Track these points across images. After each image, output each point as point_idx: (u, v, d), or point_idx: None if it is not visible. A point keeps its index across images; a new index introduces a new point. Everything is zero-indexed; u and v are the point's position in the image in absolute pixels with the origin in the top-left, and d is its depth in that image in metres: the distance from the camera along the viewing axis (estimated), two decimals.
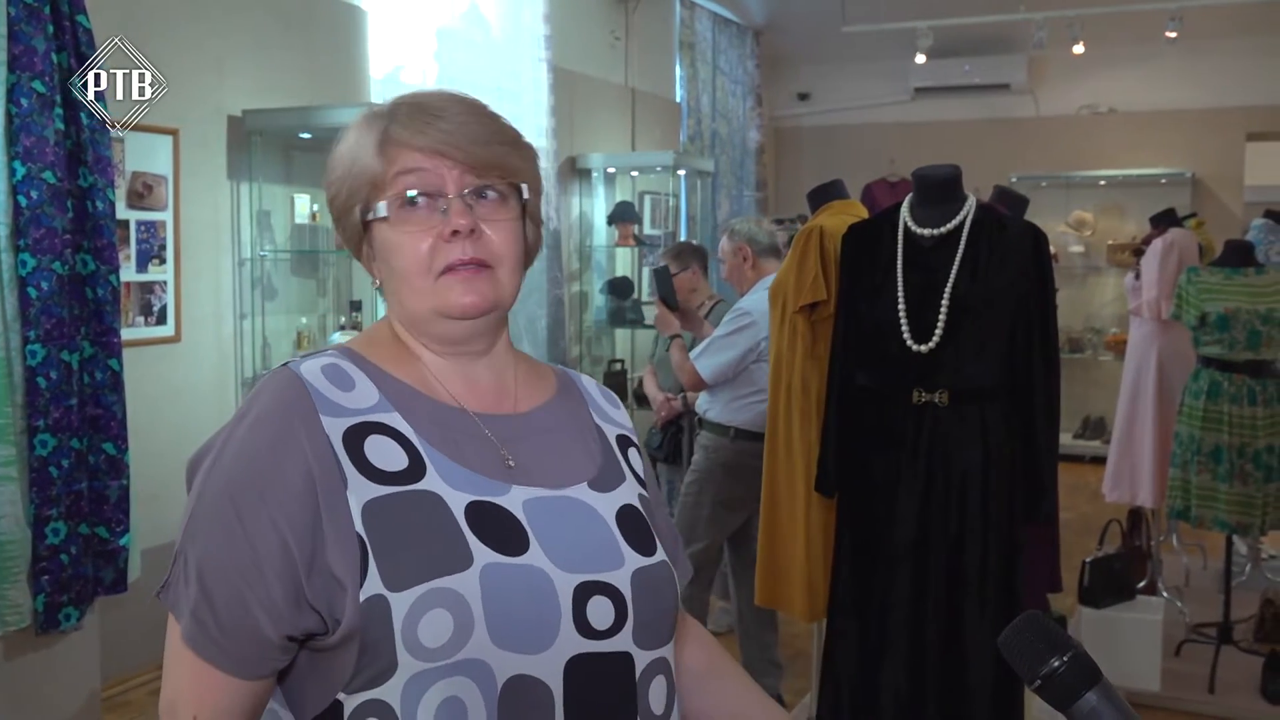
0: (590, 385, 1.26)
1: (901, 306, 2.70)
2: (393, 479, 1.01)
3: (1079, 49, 7.63)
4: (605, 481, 1.14)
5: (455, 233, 1.06)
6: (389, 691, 0.97)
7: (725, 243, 3.96)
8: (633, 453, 1.21)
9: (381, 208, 1.08)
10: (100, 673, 3.30)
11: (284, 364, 1.08)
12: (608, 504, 1.11)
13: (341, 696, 0.99)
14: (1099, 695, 0.89)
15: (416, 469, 1.02)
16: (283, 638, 0.98)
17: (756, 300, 3.69)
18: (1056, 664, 0.90)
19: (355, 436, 1.02)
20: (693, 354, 3.74)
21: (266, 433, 1.00)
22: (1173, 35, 7.27)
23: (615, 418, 1.23)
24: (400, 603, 0.95)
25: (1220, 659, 3.95)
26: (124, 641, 3.78)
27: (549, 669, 0.99)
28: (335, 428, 1.02)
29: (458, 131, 1.07)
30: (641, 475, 1.20)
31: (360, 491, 0.99)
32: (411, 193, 1.07)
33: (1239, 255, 4.29)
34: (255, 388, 1.07)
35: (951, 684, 2.70)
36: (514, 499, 1.05)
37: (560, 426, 1.16)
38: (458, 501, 1.02)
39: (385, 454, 1.02)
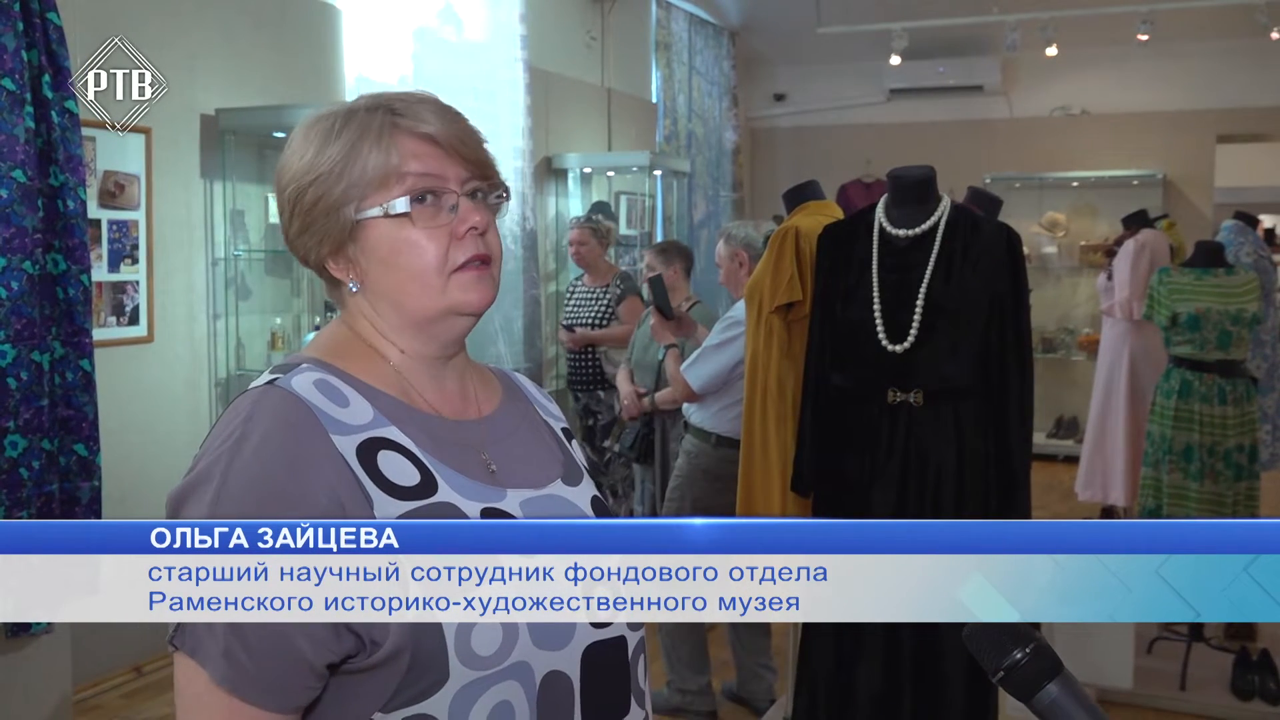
0: (526, 382, 1.28)
1: (877, 307, 2.72)
2: (411, 494, 1.01)
3: (1052, 51, 7.69)
4: (571, 476, 1.17)
5: (471, 229, 1.07)
6: (436, 704, 0.97)
7: (721, 247, 3.81)
8: (574, 444, 1.25)
9: (400, 204, 1.06)
10: (72, 676, 3.28)
11: (268, 382, 1.04)
12: (581, 497, 1.15)
13: (378, 717, 0.98)
14: (1060, 687, 0.90)
15: (429, 482, 1.03)
16: (323, 665, 0.96)
17: None
18: (1019, 656, 0.91)
19: (367, 454, 1.01)
20: (683, 366, 3.63)
21: (280, 455, 0.98)
22: (1144, 38, 7.34)
23: (554, 411, 1.27)
24: None
25: (1191, 656, 3.99)
26: (95, 644, 3.75)
27: (570, 661, 1.03)
28: (347, 446, 1.00)
29: (453, 128, 1.08)
30: (586, 466, 1.24)
31: (386, 510, 0.99)
32: (430, 189, 1.06)
33: (1209, 256, 4.33)
34: (239, 409, 1.02)
35: (926, 684, 2.72)
36: (511, 502, 1.07)
37: (520, 427, 1.18)
38: (473, 510, 1.03)
39: (399, 469, 1.02)
